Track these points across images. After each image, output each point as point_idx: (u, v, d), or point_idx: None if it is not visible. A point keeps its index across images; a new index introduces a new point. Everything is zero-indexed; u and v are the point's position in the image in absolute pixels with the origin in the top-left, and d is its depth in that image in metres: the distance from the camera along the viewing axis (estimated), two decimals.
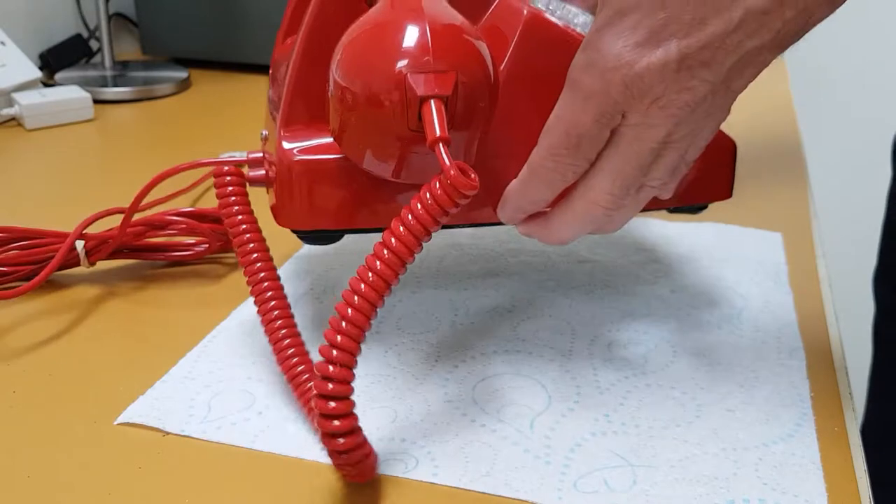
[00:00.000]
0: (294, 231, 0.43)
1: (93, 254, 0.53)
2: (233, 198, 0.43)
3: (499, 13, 0.41)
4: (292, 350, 0.41)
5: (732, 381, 0.44)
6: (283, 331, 0.41)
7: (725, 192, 0.47)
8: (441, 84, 0.35)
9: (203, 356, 0.46)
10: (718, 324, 0.49)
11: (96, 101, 0.90)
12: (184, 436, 0.39)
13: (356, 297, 0.33)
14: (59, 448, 0.39)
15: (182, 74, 1.02)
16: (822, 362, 0.46)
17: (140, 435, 0.40)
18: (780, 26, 0.33)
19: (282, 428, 0.40)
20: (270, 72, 0.48)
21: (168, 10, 1.08)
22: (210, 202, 0.68)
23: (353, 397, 0.34)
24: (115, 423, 0.41)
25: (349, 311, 0.33)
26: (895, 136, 0.87)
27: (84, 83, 0.95)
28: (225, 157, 0.73)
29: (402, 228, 0.34)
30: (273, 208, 0.42)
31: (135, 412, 0.41)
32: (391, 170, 0.39)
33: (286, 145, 0.41)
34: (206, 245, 0.55)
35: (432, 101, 0.35)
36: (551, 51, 0.39)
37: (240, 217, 0.43)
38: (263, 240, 0.43)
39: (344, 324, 0.33)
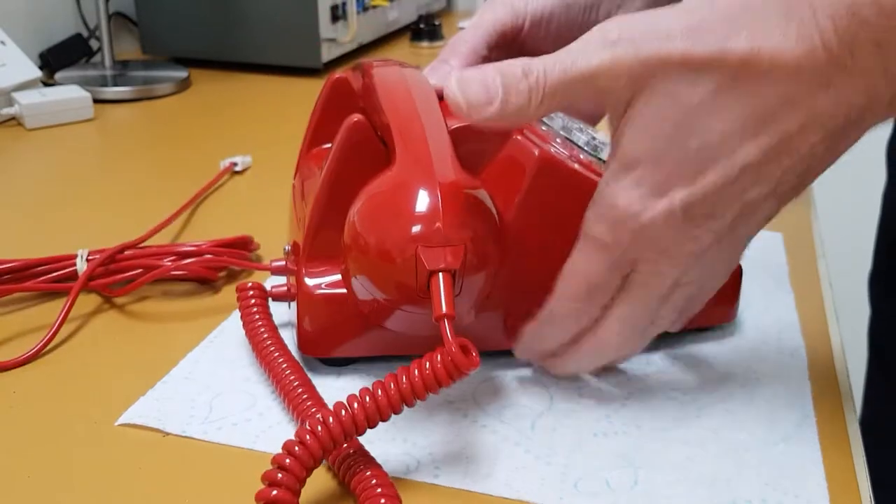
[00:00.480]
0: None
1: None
2: (257, 316, 0.46)
3: (511, 152, 0.42)
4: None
5: (733, 381, 0.44)
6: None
7: (729, 315, 0.48)
8: (450, 257, 0.37)
9: (204, 357, 0.46)
10: (719, 324, 0.49)
11: (96, 101, 0.90)
12: (184, 436, 0.39)
13: (318, 429, 0.34)
14: (60, 448, 0.39)
15: (182, 74, 1.02)
16: (822, 362, 0.46)
17: (141, 435, 0.40)
18: (780, 174, 0.34)
19: (283, 429, 0.40)
20: (295, 183, 0.51)
21: (168, 9, 1.08)
22: (211, 203, 0.68)
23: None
24: (116, 423, 0.41)
25: (306, 439, 0.34)
26: (889, 139, 0.87)
27: (84, 83, 0.95)
28: (225, 163, 0.72)
29: (392, 387, 0.35)
30: (298, 337, 0.44)
31: (135, 413, 0.41)
32: (386, 320, 0.41)
33: (309, 282, 0.43)
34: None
35: (440, 276, 0.37)
36: (562, 191, 0.41)
37: (265, 335, 0.45)
38: (290, 353, 0.44)
39: (297, 448, 0.34)
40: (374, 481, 0.35)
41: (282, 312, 0.48)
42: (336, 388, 0.43)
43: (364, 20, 1.12)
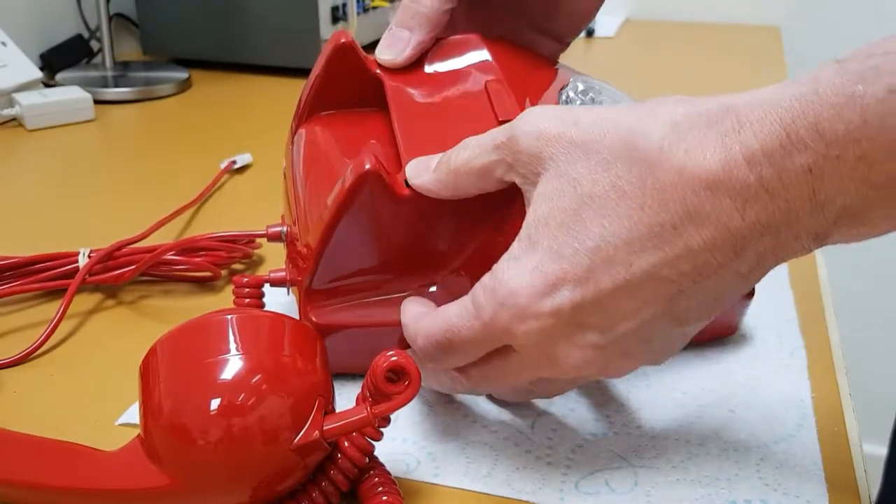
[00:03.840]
0: None
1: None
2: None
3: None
4: None
5: (733, 381, 0.44)
6: None
7: (731, 329, 0.48)
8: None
9: None
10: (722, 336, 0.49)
11: (97, 102, 0.90)
12: None
13: None
14: None
15: (182, 75, 1.02)
16: (822, 362, 0.46)
17: None
18: (677, 294, 0.31)
19: None
20: (288, 151, 0.48)
21: (169, 10, 1.08)
22: (212, 203, 0.68)
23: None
24: (116, 423, 0.41)
25: None
26: None
27: (85, 83, 0.95)
28: (225, 162, 0.72)
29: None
30: None
31: (135, 413, 0.41)
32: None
33: (312, 317, 0.42)
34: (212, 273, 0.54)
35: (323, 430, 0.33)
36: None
37: None
38: None
39: None
40: (376, 479, 0.35)
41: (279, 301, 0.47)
42: (336, 389, 0.43)
43: (364, 21, 1.12)
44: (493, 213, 0.39)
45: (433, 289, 0.42)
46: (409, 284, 0.42)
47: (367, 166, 0.37)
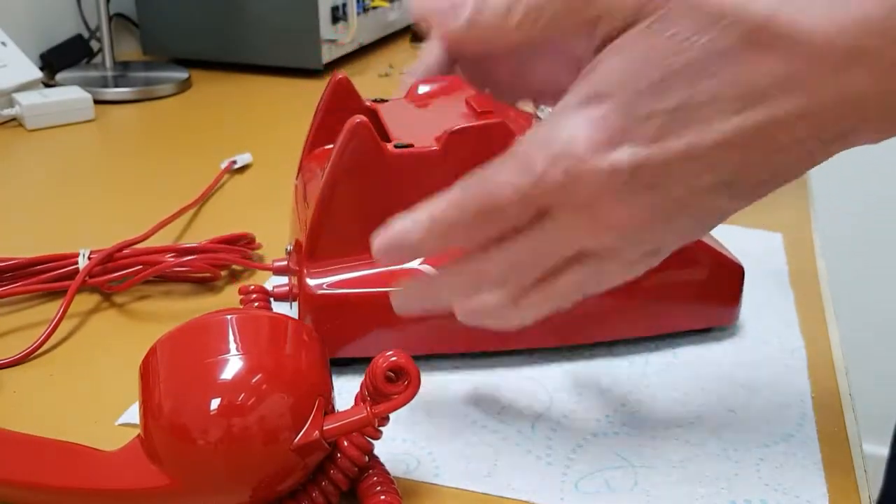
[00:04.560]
0: None
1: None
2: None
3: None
4: None
5: (733, 381, 0.44)
6: None
7: (730, 317, 0.48)
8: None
9: None
10: (719, 325, 0.49)
11: (97, 102, 0.90)
12: None
13: None
14: None
15: (183, 75, 1.02)
16: (822, 362, 0.46)
17: None
18: (744, 165, 0.29)
19: None
20: (297, 184, 0.51)
21: (169, 10, 1.08)
22: (212, 204, 0.68)
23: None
24: (116, 423, 0.41)
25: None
26: None
27: (85, 83, 0.95)
28: (225, 162, 0.72)
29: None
30: None
31: (135, 413, 0.41)
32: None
33: (311, 282, 0.43)
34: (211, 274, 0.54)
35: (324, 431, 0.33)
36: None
37: None
38: None
39: None
40: (375, 479, 0.35)
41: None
42: (336, 388, 0.43)
43: (364, 21, 1.12)
44: None
45: None
46: None
47: (357, 121, 0.41)
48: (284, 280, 0.52)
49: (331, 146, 0.46)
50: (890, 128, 0.29)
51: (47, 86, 0.93)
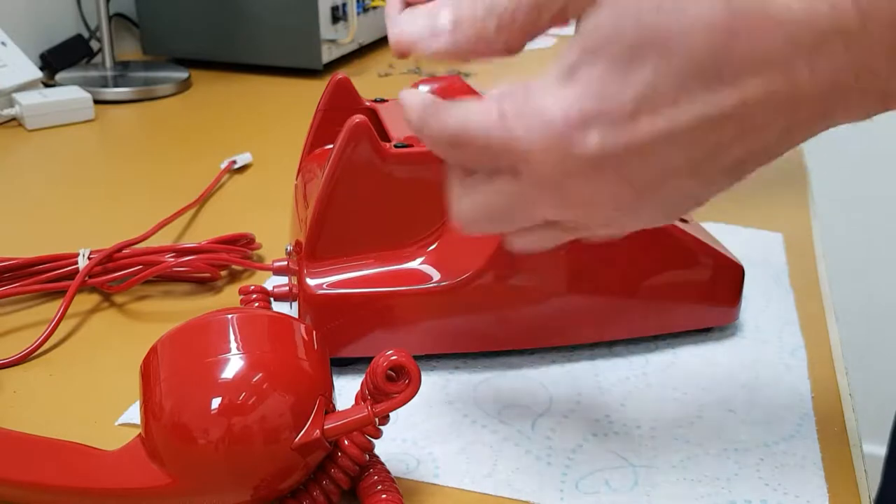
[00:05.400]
0: None
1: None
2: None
3: None
4: None
5: (733, 381, 0.44)
6: None
7: (730, 316, 0.48)
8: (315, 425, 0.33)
9: None
10: (720, 325, 0.49)
11: (97, 102, 0.90)
12: None
13: None
14: None
15: (182, 75, 1.02)
16: (822, 362, 0.46)
17: None
18: (716, 146, 0.29)
19: None
20: (297, 184, 0.51)
21: (168, 10, 1.08)
22: (212, 204, 0.68)
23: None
24: (116, 423, 0.41)
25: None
26: None
27: (84, 83, 0.95)
28: (225, 162, 0.72)
29: None
30: None
31: (136, 413, 0.41)
32: None
33: (310, 281, 0.43)
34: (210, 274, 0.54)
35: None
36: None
37: None
38: None
39: None
40: (375, 477, 0.35)
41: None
42: (336, 387, 0.43)
43: (364, 21, 1.12)
44: None
45: (433, 247, 0.44)
46: (407, 245, 0.44)
47: (357, 121, 0.41)
48: (284, 280, 0.52)
49: (331, 146, 0.46)
50: (873, 105, 0.28)
51: (47, 86, 0.93)
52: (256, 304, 0.50)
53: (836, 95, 0.28)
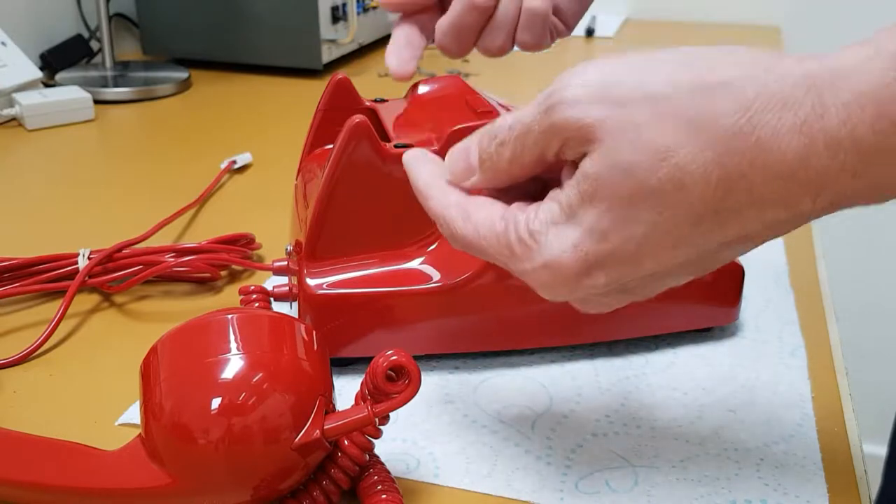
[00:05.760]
0: None
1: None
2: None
3: None
4: None
5: (733, 381, 0.44)
6: None
7: (730, 316, 0.48)
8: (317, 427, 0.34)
9: None
10: (720, 325, 0.49)
11: (97, 102, 0.90)
12: None
13: None
14: None
15: (182, 75, 1.02)
16: (822, 362, 0.46)
17: None
18: (713, 254, 0.31)
19: None
20: (297, 184, 0.51)
21: (168, 10, 1.08)
22: (212, 204, 0.68)
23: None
24: (116, 423, 0.41)
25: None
26: None
27: (84, 83, 0.95)
28: (225, 162, 0.72)
29: None
30: None
31: (136, 413, 0.41)
32: None
33: (310, 281, 0.43)
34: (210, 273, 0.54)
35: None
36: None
37: None
38: None
39: None
40: (375, 477, 0.35)
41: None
42: (336, 387, 0.43)
43: (364, 21, 1.12)
44: None
45: (433, 247, 0.44)
46: (407, 245, 0.44)
47: (357, 121, 0.42)
48: (284, 280, 0.52)
49: (331, 146, 0.46)
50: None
51: (47, 86, 0.93)
52: (256, 305, 0.50)
53: (840, 206, 0.29)
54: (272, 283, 0.53)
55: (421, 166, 0.36)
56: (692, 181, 0.28)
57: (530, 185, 0.34)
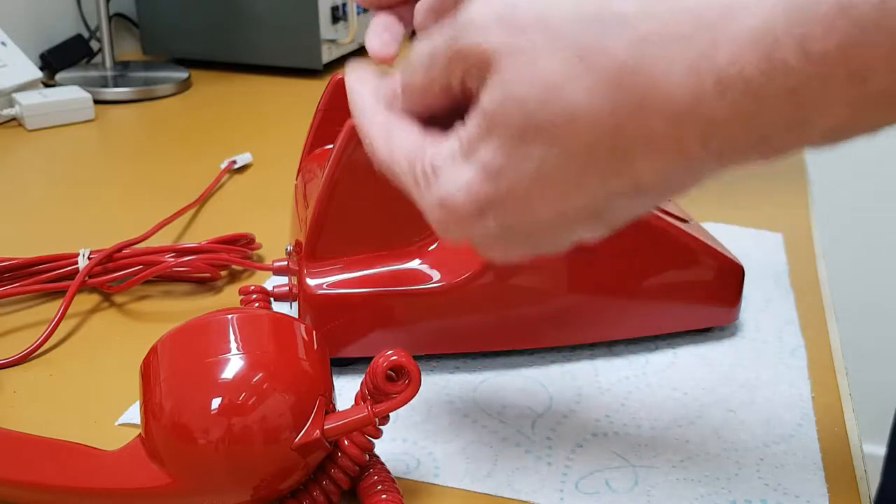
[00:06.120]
0: None
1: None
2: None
3: None
4: None
5: (733, 381, 0.44)
6: None
7: (730, 317, 0.48)
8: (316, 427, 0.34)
9: None
10: (720, 325, 0.49)
11: (97, 102, 0.90)
12: None
13: None
14: None
15: (182, 75, 1.02)
16: (822, 362, 0.46)
17: None
18: (607, 209, 0.30)
19: None
20: (297, 184, 0.51)
21: (168, 10, 1.08)
22: (212, 204, 0.68)
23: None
24: (116, 423, 0.41)
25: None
26: None
27: (84, 83, 0.95)
28: (225, 162, 0.73)
29: None
30: None
31: (136, 413, 0.41)
32: None
33: (310, 282, 0.43)
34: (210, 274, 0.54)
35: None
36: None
37: None
38: None
39: None
40: (375, 477, 0.35)
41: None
42: (336, 387, 0.43)
43: (364, 21, 1.12)
44: None
45: (433, 247, 0.44)
46: (407, 245, 0.44)
47: None
48: (284, 280, 0.52)
49: (331, 146, 0.46)
50: (792, 149, 0.28)
51: (47, 86, 0.93)
52: (256, 305, 0.50)
53: (735, 159, 0.28)
54: (272, 283, 0.53)
55: (360, 85, 0.35)
56: (582, 115, 0.27)
57: (465, 114, 0.32)
